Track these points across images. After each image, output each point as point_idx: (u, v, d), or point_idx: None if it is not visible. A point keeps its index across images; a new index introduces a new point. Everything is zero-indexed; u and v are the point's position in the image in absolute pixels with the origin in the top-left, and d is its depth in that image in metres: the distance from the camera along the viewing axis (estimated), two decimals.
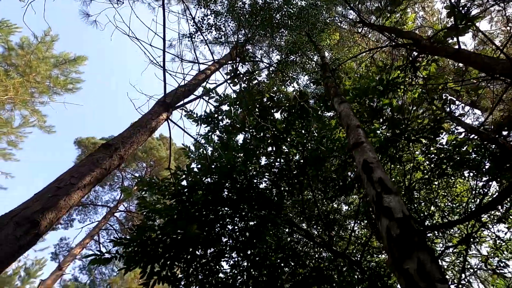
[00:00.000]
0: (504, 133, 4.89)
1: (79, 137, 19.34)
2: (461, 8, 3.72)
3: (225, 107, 6.12)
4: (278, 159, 6.35)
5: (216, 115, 6.00)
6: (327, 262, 8.91)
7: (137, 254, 4.64)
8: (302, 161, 6.03)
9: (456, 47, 3.82)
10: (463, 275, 5.82)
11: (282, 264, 6.91)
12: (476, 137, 4.70)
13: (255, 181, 6.31)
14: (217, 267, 6.06)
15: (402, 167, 5.77)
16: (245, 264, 6.83)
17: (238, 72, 5.41)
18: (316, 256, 9.31)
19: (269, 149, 6.38)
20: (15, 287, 21.20)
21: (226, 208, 5.79)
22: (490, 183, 4.94)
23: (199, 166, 5.49)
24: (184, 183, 5.17)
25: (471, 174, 5.23)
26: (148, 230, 4.37)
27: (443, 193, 6.87)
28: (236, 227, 6.09)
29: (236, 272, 6.72)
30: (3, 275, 21.44)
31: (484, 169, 4.73)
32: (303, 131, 6.01)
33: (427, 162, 5.55)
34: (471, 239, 6.03)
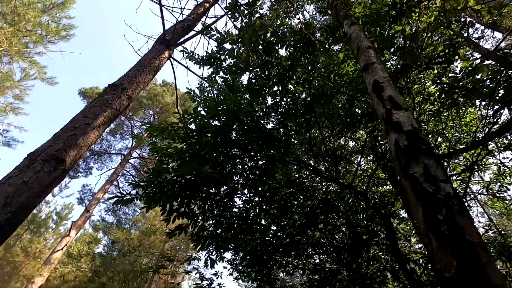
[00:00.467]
0: None
1: (82, 87, 19.17)
2: None
3: (227, 45, 5.82)
4: (285, 98, 6.25)
5: (218, 55, 5.75)
6: (334, 194, 9.41)
7: (155, 194, 4.97)
8: (308, 99, 5.94)
9: None
10: (463, 200, 6.12)
11: (291, 198, 7.36)
12: (492, 62, 4.44)
13: (262, 121, 6.33)
14: (231, 203, 6.49)
15: (412, 99, 5.64)
16: (257, 199, 7.29)
17: (238, 3, 4.99)
18: (324, 189, 9.81)
19: (275, 88, 6.24)
20: (50, 227, 23.43)
21: (235, 149, 5.95)
22: (502, 111, 4.84)
23: (206, 109, 5.48)
24: (192, 126, 5.23)
25: (483, 102, 5.10)
26: (163, 172, 4.58)
27: (452, 123, 6.83)
28: (246, 167, 6.32)
29: (248, 207, 7.22)
30: (38, 219, 23.60)
31: (497, 97, 4.59)
32: (309, 68, 5.77)
33: (438, 93, 5.39)
34: (475, 167, 6.18)
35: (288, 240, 8.71)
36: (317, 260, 10.20)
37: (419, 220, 1.38)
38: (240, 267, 9.50)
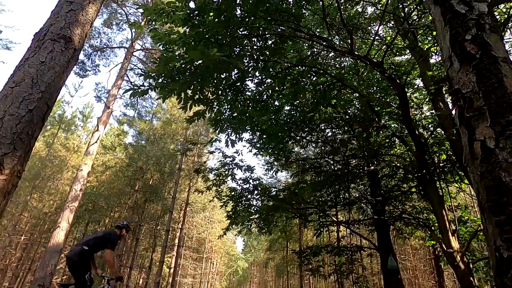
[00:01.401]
0: None
1: None
2: None
3: None
4: None
5: None
6: (348, 69, 9.12)
7: (168, 84, 4.99)
8: None
9: None
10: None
11: (304, 77, 7.22)
12: None
13: None
14: (243, 86, 6.51)
15: None
16: (269, 81, 7.22)
17: None
18: (337, 65, 9.46)
19: None
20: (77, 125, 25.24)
21: (241, 29, 5.50)
22: None
23: None
24: (191, 5, 4.70)
25: None
26: (171, 60, 4.45)
27: None
28: (255, 47, 5.99)
29: (261, 89, 7.25)
30: (65, 119, 25.22)
31: None
32: None
33: None
34: None
35: (301, 118, 9.10)
36: (329, 134, 10.92)
37: (445, 48, 1.34)
38: (258, 145, 10.42)
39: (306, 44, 8.08)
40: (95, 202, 18.97)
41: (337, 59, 9.34)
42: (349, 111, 9.56)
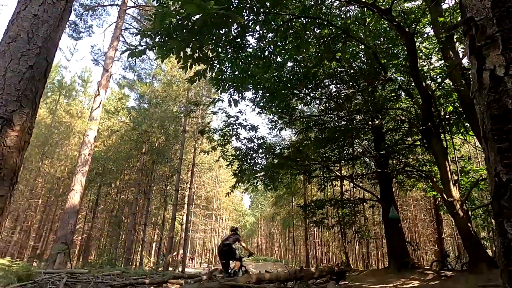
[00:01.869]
0: None
1: None
2: None
3: None
4: None
5: None
6: (354, 19, 8.62)
7: (166, 43, 4.80)
8: None
9: None
10: None
11: (307, 30, 6.86)
12: None
13: None
14: (244, 42, 6.23)
15: None
16: (270, 35, 6.90)
17: None
18: (342, 15, 8.92)
19: None
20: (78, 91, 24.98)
21: None
22: None
23: None
24: None
25: None
26: (167, 16, 4.23)
27: None
28: None
29: (262, 44, 6.95)
30: (65, 84, 24.88)
31: None
32: None
33: None
34: None
35: (304, 73, 8.85)
36: (333, 89, 10.69)
37: None
38: (261, 104, 10.31)
39: None
40: (105, 165, 19.50)
41: (342, 8, 8.77)
42: (354, 65, 9.24)
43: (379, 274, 10.08)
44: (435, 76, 7.64)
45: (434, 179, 8.19)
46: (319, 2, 7.57)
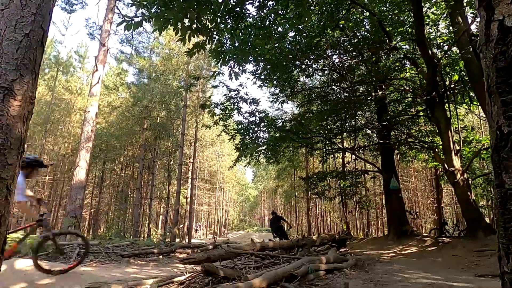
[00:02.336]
0: None
1: None
2: None
3: None
4: None
5: None
6: None
7: (162, 14, 4.63)
8: None
9: None
10: None
11: None
12: None
13: None
14: (243, 11, 5.99)
15: None
16: (271, 3, 6.61)
17: None
18: None
19: None
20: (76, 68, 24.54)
21: None
22: None
23: None
24: None
25: None
26: None
27: None
28: None
29: (263, 13, 6.69)
30: (61, 60, 24.39)
31: None
32: None
33: None
34: None
35: (306, 44, 8.59)
36: (336, 60, 10.42)
37: None
38: (262, 76, 10.12)
39: None
40: (108, 142, 19.60)
41: None
42: (358, 34, 8.92)
43: (379, 242, 10.46)
44: (441, 43, 7.40)
45: (436, 150, 8.22)
46: None
